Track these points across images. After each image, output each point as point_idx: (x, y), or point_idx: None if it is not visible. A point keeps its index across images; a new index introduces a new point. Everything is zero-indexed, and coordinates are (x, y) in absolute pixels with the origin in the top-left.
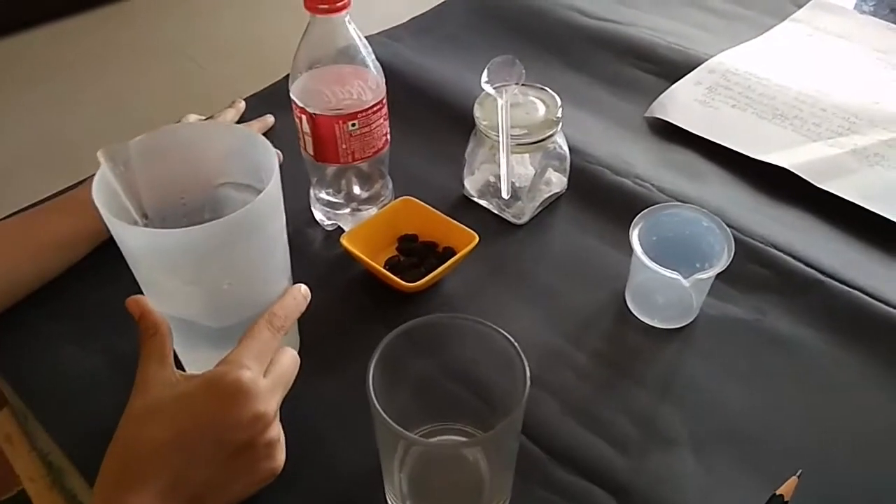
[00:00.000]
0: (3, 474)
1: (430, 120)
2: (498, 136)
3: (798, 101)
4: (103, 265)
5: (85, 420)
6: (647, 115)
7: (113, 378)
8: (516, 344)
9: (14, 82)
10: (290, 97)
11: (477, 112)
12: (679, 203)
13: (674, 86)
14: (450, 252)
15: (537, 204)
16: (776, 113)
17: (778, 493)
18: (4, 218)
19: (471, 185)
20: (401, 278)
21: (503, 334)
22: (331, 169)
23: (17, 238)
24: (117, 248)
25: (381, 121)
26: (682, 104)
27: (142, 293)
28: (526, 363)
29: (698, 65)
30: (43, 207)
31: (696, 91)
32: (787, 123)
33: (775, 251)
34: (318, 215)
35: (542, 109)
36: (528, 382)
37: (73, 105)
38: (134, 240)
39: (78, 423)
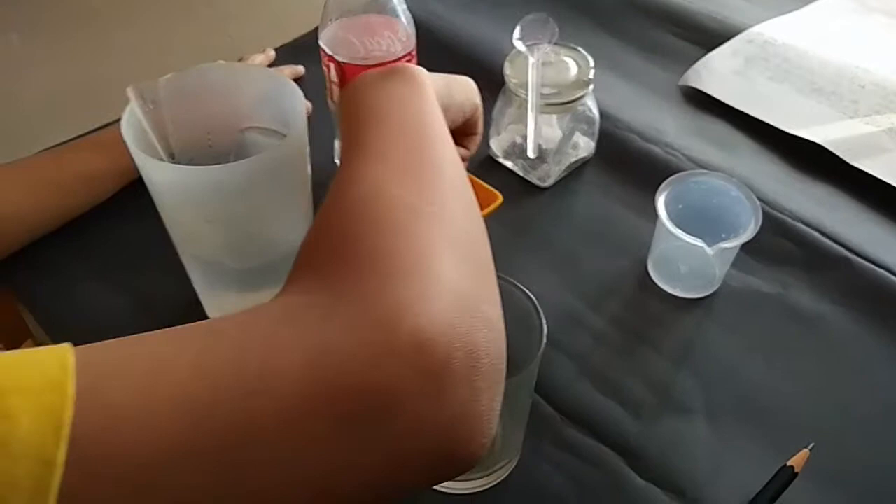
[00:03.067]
0: None
1: None
2: (527, 95)
3: (837, 77)
4: (129, 204)
5: None
6: (681, 83)
7: (135, 317)
8: (534, 298)
9: (46, 28)
10: (318, 46)
11: (507, 69)
12: (708, 171)
13: (710, 55)
14: None
15: (563, 167)
16: (813, 87)
17: (788, 464)
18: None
19: (496, 145)
20: None
21: (521, 288)
22: None
23: (45, 173)
24: (144, 189)
25: None
26: (717, 74)
27: (167, 233)
28: (543, 317)
29: (736, 34)
30: (72, 145)
31: (732, 61)
32: (824, 99)
33: (803, 226)
34: None
35: (573, 70)
36: (545, 338)
37: (100, 52)
38: (160, 175)
39: None
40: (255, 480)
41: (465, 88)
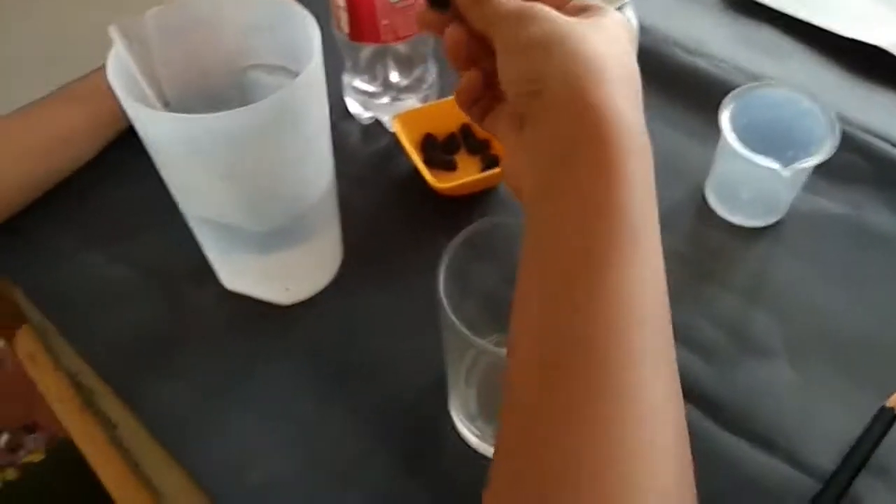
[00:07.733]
0: (27, 398)
1: None
2: None
3: None
4: (123, 161)
5: (112, 333)
6: None
7: (140, 287)
8: None
9: None
10: None
11: None
12: (774, 81)
13: None
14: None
15: None
16: None
17: (887, 405)
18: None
19: None
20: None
21: None
22: (367, 51)
23: (23, 135)
24: (138, 142)
25: None
26: None
27: (163, 193)
28: None
29: None
30: (50, 99)
31: None
32: None
33: (872, 137)
34: (354, 107)
35: None
36: None
37: None
38: (156, 126)
39: (105, 337)
40: None
41: (630, 47)
